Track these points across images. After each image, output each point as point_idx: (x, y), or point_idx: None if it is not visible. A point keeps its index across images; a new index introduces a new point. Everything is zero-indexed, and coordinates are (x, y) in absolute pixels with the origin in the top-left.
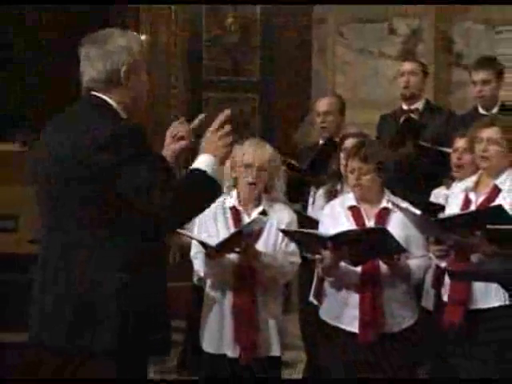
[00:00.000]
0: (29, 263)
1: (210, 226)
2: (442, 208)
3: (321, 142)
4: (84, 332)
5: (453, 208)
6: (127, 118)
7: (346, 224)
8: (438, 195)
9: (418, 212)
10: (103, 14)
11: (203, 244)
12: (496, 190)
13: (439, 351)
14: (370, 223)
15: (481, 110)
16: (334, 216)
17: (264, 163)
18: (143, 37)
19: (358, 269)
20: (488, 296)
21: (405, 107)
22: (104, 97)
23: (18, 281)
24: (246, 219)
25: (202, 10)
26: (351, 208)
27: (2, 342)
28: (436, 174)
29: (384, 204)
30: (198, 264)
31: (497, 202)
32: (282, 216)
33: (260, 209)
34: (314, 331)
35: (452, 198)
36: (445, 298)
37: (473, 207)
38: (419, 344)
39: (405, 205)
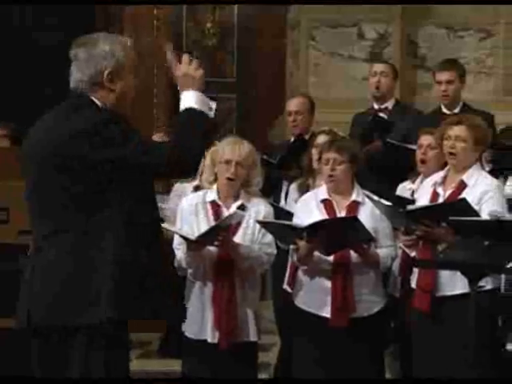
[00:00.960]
0: (19, 252)
1: (191, 219)
2: (409, 202)
3: (291, 139)
4: (73, 310)
5: (422, 201)
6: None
7: (319, 216)
8: (403, 189)
9: (388, 203)
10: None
11: (184, 237)
12: (462, 185)
13: (404, 335)
14: (342, 215)
15: (444, 110)
16: (308, 209)
17: (242, 160)
18: (130, 41)
19: (330, 257)
20: (454, 283)
21: (376, 106)
22: (90, 96)
23: (8, 269)
24: (226, 213)
25: (182, 15)
26: (323, 201)
27: None
28: (402, 169)
29: (354, 197)
30: (180, 255)
31: (462, 196)
32: (259, 209)
33: (238, 203)
34: (288, 316)
35: (421, 192)
36: (413, 285)
37: (441, 200)
38: (387, 328)
39: (375, 197)
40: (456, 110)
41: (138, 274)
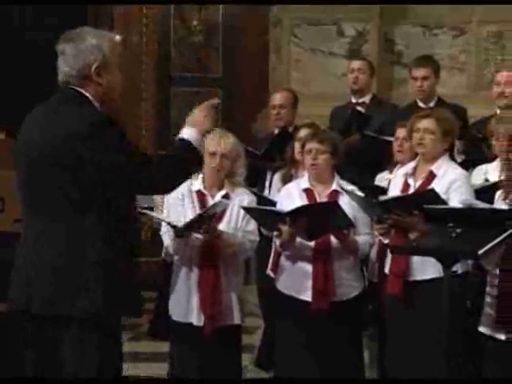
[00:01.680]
0: (14, 240)
1: (178, 208)
2: (384, 191)
3: (275, 131)
4: (64, 299)
5: (394, 191)
6: (101, 109)
7: (301, 204)
8: (381, 179)
9: (362, 194)
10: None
11: (171, 225)
12: (431, 176)
13: (380, 318)
14: None
15: (420, 104)
16: (290, 197)
17: (227, 151)
18: (117, 36)
19: (312, 243)
20: (425, 269)
21: (354, 100)
22: (80, 90)
23: (3, 256)
24: (210, 201)
25: (170, 13)
26: (305, 190)
27: None
28: (380, 160)
29: (334, 187)
30: (167, 241)
31: (431, 186)
32: (242, 199)
33: (223, 192)
34: (271, 300)
35: (393, 183)
36: (386, 271)
37: (411, 191)
38: (365, 311)
39: (350, 188)
40: (431, 104)
41: (125, 271)
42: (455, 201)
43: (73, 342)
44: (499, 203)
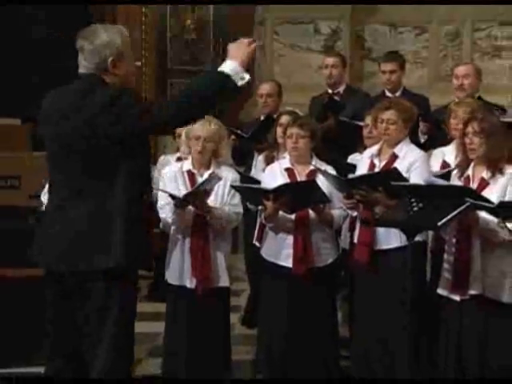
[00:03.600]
0: (28, 214)
1: (172, 185)
2: (354, 167)
3: (262, 117)
4: (89, 255)
5: (362, 170)
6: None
7: (283, 182)
8: (353, 159)
9: (333, 173)
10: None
11: (173, 196)
12: (394, 157)
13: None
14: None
15: (388, 94)
16: (273, 176)
17: (210, 135)
18: (124, 30)
19: (293, 216)
20: (389, 238)
21: (329, 91)
22: (101, 76)
23: (20, 227)
24: (199, 180)
25: (166, 13)
26: (287, 169)
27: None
28: (352, 142)
29: (312, 166)
30: (165, 213)
31: (394, 166)
32: (227, 176)
33: (210, 171)
34: (257, 267)
35: (361, 163)
36: (355, 240)
37: (376, 170)
38: (338, 275)
39: (324, 167)
40: (397, 94)
41: (142, 230)
42: (415, 179)
43: (98, 294)
44: (455, 180)
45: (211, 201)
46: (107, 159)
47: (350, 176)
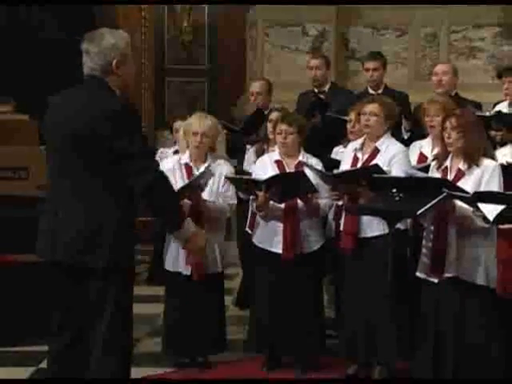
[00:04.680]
0: (36, 203)
1: (170, 177)
2: (338, 162)
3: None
4: (87, 250)
5: (346, 162)
6: (120, 95)
7: (273, 173)
8: (337, 152)
9: (318, 168)
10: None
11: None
12: (376, 151)
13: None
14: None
15: (370, 91)
16: (264, 167)
17: (206, 130)
18: (127, 35)
19: (282, 205)
20: (372, 227)
21: (316, 90)
22: (103, 78)
23: (27, 216)
24: (196, 172)
25: (164, 16)
26: (277, 161)
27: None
28: (337, 136)
29: (300, 159)
30: None
31: (376, 159)
32: (222, 169)
33: (206, 164)
34: (248, 252)
35: (345, 156)
36: (341, 228)
37: (360, 163)
38: (325, 261)
39: (310, 162)
40: (380, 91)
41: (131, 231)
42: (396, 171)
43: (97, 285)
44: (433, 172)
45: (207, 192)
46: (102, 162)
47: (336, 171)
